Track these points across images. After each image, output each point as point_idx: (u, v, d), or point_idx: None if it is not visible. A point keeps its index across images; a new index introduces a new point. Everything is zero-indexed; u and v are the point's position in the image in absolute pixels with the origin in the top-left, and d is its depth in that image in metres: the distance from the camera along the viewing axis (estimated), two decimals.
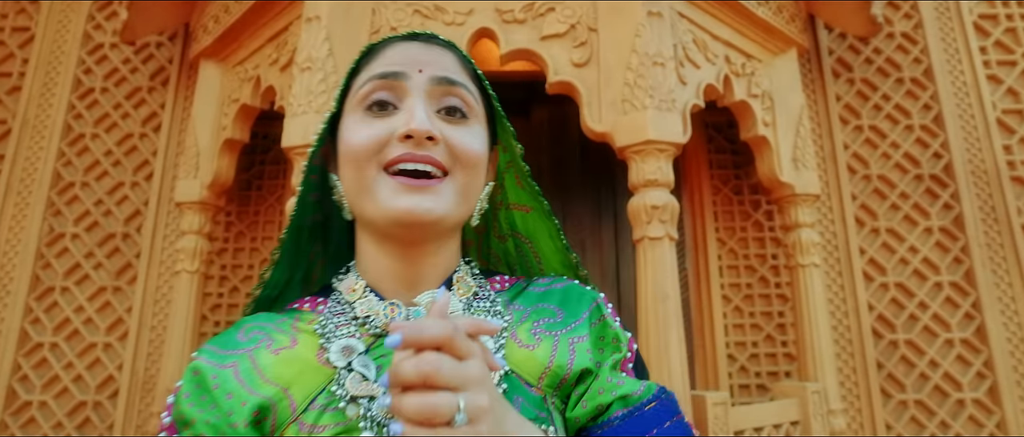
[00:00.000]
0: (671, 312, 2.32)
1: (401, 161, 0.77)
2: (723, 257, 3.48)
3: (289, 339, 0.81)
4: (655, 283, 2.34)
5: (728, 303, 3.43)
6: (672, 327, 2.30)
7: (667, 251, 2.37)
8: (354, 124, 0.82)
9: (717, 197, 3.55)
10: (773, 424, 2.66)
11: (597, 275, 3.51)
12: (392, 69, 0.82)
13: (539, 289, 0.92)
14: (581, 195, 3.59)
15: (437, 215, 0.78)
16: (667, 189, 2.42)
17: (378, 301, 0.83)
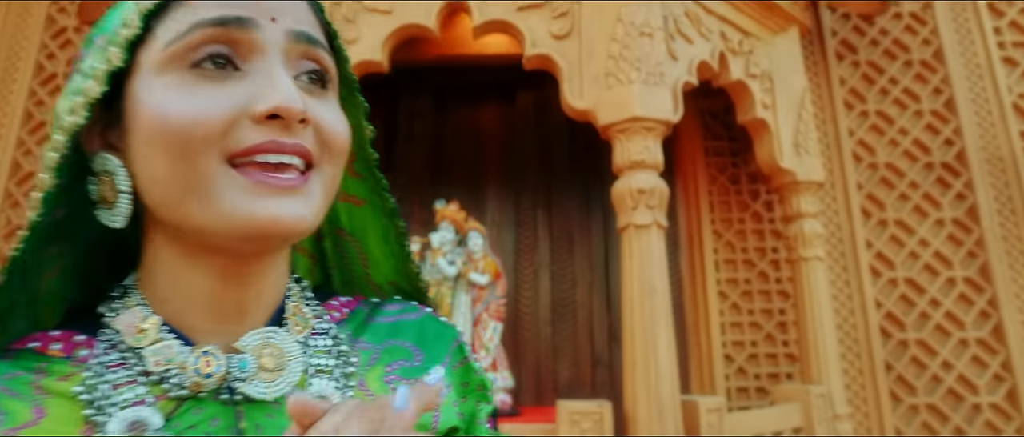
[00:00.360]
0: (659, 307, 2.02)
1: (261, 151, 0.51)
2: (719, 250, 3.18)
3: (31, 410, 0.50)
4: (641, 275, 2.05)
5: (725, 300, 3.13)
6: (660, 324, 2.01)
7: (655, 240, 2.08)
8: (173, 90, 0.52)
9: (713, 186, 3.25)
10: (773, 431, 2.36)
11: (585, 269, 3.22)
12: (234, 13, 0.53)
13: (388, 319, 0.70)
14: (568, 183, 3.30)
15: (307, 224, 0.54)
16: (655, 172, 2.13)
17: (181, 346, 0.55)
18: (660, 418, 1.93)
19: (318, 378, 0.58)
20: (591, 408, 1.96)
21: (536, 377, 3.09)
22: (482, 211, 3.27)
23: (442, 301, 2.35)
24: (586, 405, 1.96)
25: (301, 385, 0.57)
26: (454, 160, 3.36)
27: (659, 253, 2.08)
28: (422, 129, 3.37)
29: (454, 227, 2.41)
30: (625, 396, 2.04)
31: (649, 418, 1.94)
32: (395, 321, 0.69)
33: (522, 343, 3.13)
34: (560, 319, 3.18)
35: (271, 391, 0.55)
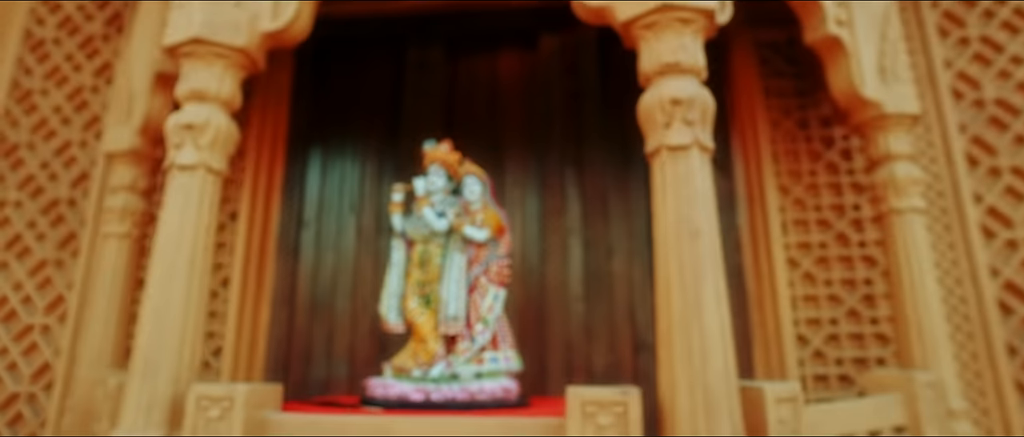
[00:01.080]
0: (705, 256, 1.39)
1: None
2: (787, 209, 2.49)
3: None
4: (679, 212, 1.42)
5: (795, 268, 2.43)
6: (706, 278, 1.37)
7: (696, 165, 1.44)
8: None
9: (776, 133, 2.56)
10: (869, 430, 1.68)
11: (623, 236, 2.58)
12: None
13: None
14: (602, 137, 2.67)
15: None
16: (695, 78, 1.50)
17: None
18: (708, 410, 1.30)
19: None
20: (611, 397, 1.34)
21: (566, 363, 2.47)
22: (501, 172, 2.68)
23: (430, 261, 1.77)
24: (604, 393, 1.34)
25: None
26: (469, 116, 2.78)
27: (703, 183, 1.44)
28: (433, 83, 2.81)
29: (446, 171, 1.84)
30: (659, 379, 1.41)
31: (693, 409, 1.31)
32: None
33: (548, 324, 2.52)
34: (595, 295, 2.55)
35: None
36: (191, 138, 1.61)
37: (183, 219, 1.57)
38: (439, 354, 1.70)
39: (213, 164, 1.65)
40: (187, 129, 1.61)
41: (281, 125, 2.75)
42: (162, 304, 1.50)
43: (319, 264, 2.68)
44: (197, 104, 1.66)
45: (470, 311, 1.72)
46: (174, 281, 1.52)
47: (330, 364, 2.56)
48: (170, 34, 1.70)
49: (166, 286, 1.51)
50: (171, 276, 1.52)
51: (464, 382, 1.64)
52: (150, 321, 1.48)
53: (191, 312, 1.54)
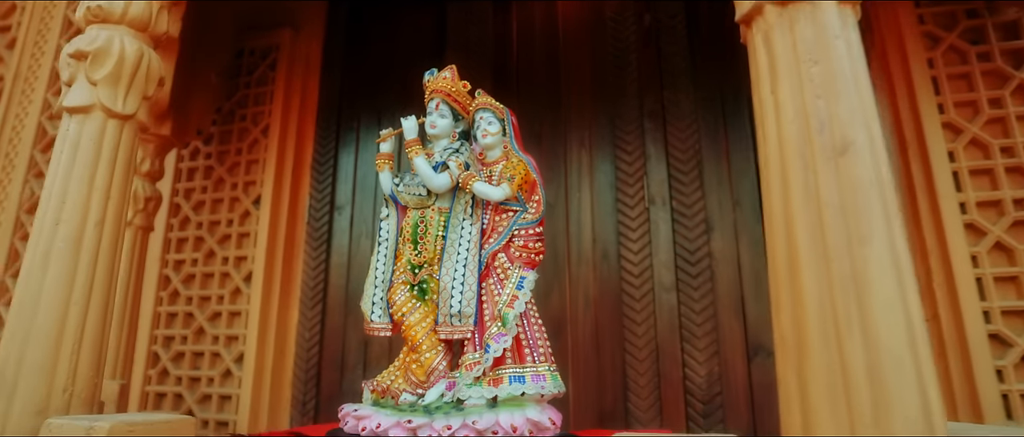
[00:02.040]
0: (866, 187, 0.69)
1: None
2: (961, 156, 1.66)
3: None
4: (804, 111, 0.73)
5: (978, 237, 1.60)
6: (873, 226, 0.67)
7: (834, 26, 0.75)
8: None
9: (935, 54, 1.73)
10: None
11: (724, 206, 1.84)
12: None
13: None
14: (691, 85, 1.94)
15: None
16: None
17: None
18: None
19: None
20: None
21: (653, 376, 1.78)
22: (564, 132, 2.03)
23: (427, 235, 1.16)
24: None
25: None
26: (524, 71, 2.15)
27: (848, 54, 0.74)
28: (479, 36, 2.20)
29: (452, 107, 1.23)
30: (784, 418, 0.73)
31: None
32: None
33: (628, 323, 1.83)
34: (689, 284, 1.84)
35: None
36: (84, 70, 1.11)
37: (69, 181, 1.07)
38: (438, 369, 1.09)
39: (116, 106, 1.13)
40: (78, 58, 1.11)
41: (310, 98, 2.26)
42: (28, 300, 0.99)
43: (354, 253, 2.15)
44: (98, 26, 1.16)
45: (483, 305, 1.09)
46: (49, 269, 1.01)
47: (366, 372, 2.02)
48: None
49: (36, 276, 1.01)
50: (44, 261, 1.02)
51: (470, 414, 1.00)
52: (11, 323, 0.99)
53: (77, 311, 1.02)
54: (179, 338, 2.14)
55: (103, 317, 1.06)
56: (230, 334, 2.06)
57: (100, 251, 1.08)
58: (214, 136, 2.28)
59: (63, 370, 0.99)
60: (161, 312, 2.17)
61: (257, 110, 2.25)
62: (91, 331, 1.03)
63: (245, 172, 2.20)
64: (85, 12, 1.19)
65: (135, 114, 1.18)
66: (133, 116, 1.18)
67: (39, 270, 1.01)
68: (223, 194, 2.21)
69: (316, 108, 2.25)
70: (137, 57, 1.17)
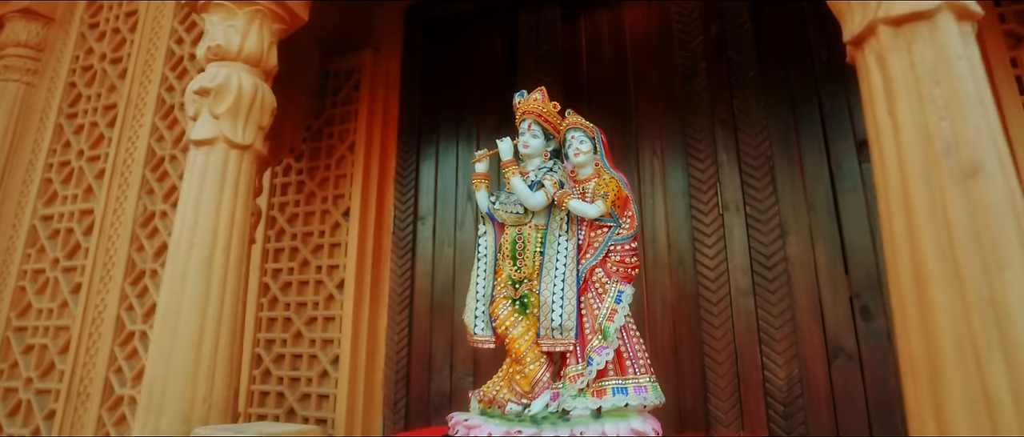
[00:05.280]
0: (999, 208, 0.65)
1: None
2: None
3: None
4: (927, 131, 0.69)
5: None
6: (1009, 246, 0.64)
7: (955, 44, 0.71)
8: None
9: (1018, 53, 1.63)
10: None
11: (799, 210, 1.78)
12: None
13: None
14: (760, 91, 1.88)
15: None
16: None
17: None
18: None
19: None
20: None
21: (732, 379, 1.74)
22: (635, 141, 2.01)
23: (526, 250, 1.16)
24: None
25: None
26: (594, 80, 2.14)
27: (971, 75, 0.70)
28: (549, 50, 2.19)
29: (543, 127, 1.22)
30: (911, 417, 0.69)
31: None
32: None
33: (706, 327, 1.80)
34: (765, 288, 1.79)
35: None
36: (207, 105, 1.16)
37: (199, 208, 1.11)
38: (542, 381, 1.09)
39: (236, 137, 1.18)
40: (202, 95, 1.16)
41: (392, 114, 2.30)
42: (169, 319, 1.04)
43: (437, 261, 2.18)
44: (217, 64, 1.20)
45: (583, 318, 1.09)
46: (186, 288, 1.06)
47: (453, 374, 2.05)
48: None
49: (175, 296, 1.06)
50: (181, 282, 1.07)
51: (576, 424, 1.00)
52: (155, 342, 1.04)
53: (211, 328, 1.07)
54: (279, 341, 2.21)
55: (234, 332, 1.11)
56: (325, 337, 2.12)
57: (228, 271, 1.13)
58: (305, 153, 2.35)
59: (202, 382, 1.03)
60: (262, 317, 2.25)
61: (343, 128, 2.30)
62: (224, 345, 1.08)
63: (334, 186, 2.26)
64: (206, 51, 1.24)
65: (252, 144, 1.22)
66: (251, 146, 1.22)
67: (177, 291, 1.06)
68: (314, 207, 2.28)
69: (397, 124, 2.29)
70: (253, 91, 1.22)
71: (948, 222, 0.66)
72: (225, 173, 1.16)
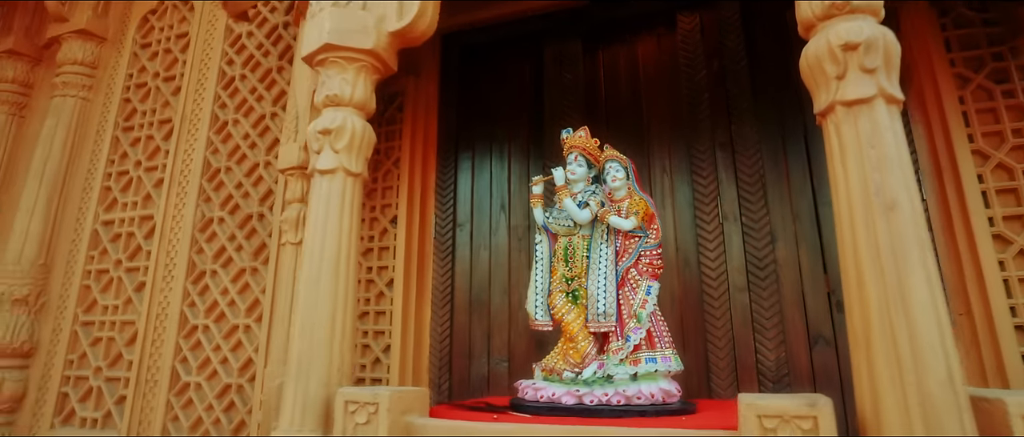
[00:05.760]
0: (907, 232, 1.02)
1: None
2: (987, 178, 1.95)
3: None
4: (865, 182, 1.06)
5: (1006, 246, 1.89)
6: (912, 260, 1.01)
7: (884, 121, 1.08)
8: None
9: (965, 92, 2.02)
10: None
11: (786, 220, 2.17)
12: None
13: None
14: (754, 118, 2.27)
15: None
16: (871, 17, 1.13)
17: None
18: (929, 427, 0.94)
19: None
20: (796, 409, 1.02)
21: (730, 361, 2.12)
22: (648, 160, 2.38)
23: (575, 255, 1.53)
24: (786, 405, 1.03)
25: None
26: (611, 106, 2.51)
27: (895, 141, 1.07)
28: (572, 76, 2.57)
29: (586, 158, 1.59)
30: (857, 388, 1.07)
31: (907, 427, 0.96)
32: None
33: (711, 317, 2.18)
34: (758, 285, 2.17)
35: None
36: (329, 142, 1.51)
37: (326, 223, 1.47)
38: (590, 354, 1.46)
39: (351, 167, 1.54)
40: (325, 134, 1.52)
41: (431, 132, 2.66)
42: (310, 307, 1.40)
43: (474, 262, 2.54)
44: (333, 109, 1.56)
45: (621, 307, 1.46)
46: (320, 284, 1.42)
47: (490, 361, 2.42)
48: (305, 46, 1.62)
49: (313, 290, 1.41)
50: (317, 279, 1.42)
51: (619, 385, 1.38)
52: (300, 324, 1.39)
53: (339, 314, 1.43)
54: None
55: (353, 318, 1.47)
56: (377, 329, 2.47)
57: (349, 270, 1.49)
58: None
59: (335, 355, 1.39)
60: None
61: (389, 145, 2.66)
62: (348, 327, 1.44)
63: (382, 197, 2.62)
64: (324, 98, 1.59)
65: (362, 172, 1.58)
66: (361, 174, 1.58)
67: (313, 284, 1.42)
68: (365, 215, 2.63)
69: (436, 141, 2.65)
70: (362, 131, 1.57)
71: (877, 240, 1.03)
72: (343, 196, 1.51)
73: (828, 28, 1.12)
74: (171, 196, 3.01)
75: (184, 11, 3.35)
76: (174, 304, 2.83)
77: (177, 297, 2.83)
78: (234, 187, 2.89)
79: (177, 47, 3.28)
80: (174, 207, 2.98)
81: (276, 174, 2.81)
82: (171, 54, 3.29)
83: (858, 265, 1.05)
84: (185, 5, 3.36)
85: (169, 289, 2.88)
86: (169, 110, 3.18)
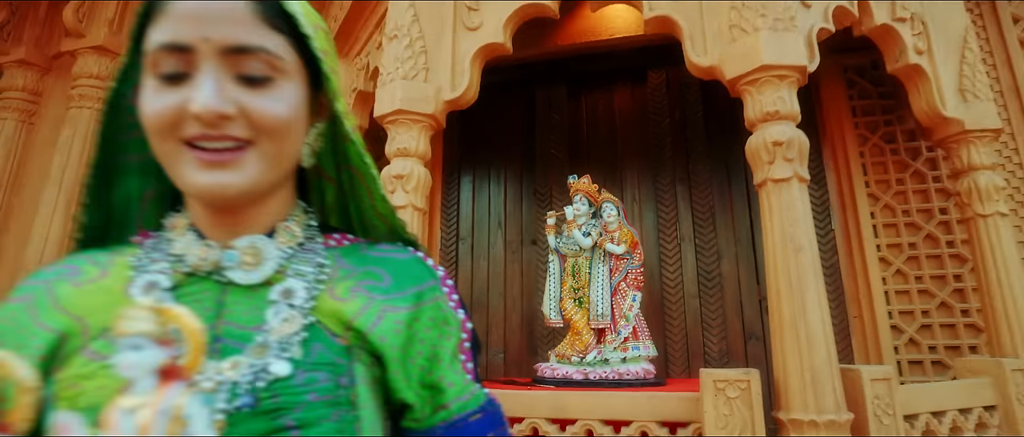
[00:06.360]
0: (807, 266, 1.65)
1: (198, 139, 0.63)
2: (878, 215, 2.65)
3: (99, 271, 0.70)
4: (784, 232, 1.68)
5: (887, 266, 2.60)
6: (809, 285, 1.63)
7: (796, 194, 1.70)
8: (148, 92, 0.64)
9: (864, 148, 2.72)
10: (959, 408, 1.87)
11: (730, 242, 2.83)
12: (176, 40, 0.63)
13: (378, 254, 0.75)
14: (708, 158, 2.92)
15: (239, 189, 0.64)
16: (791, 122, 1.76)
17: (196, 240, 0.69)
18: (816, 388, 1.56)
19: (293, 278, 0.67)
20: (736, 376, 1.63)
21: (685, 350, 2.76)
22: (621, 190, 2.99)
23: (580, 271, 2.11)
24: (731, 373, 1.64)
25: (277, 280, 0.66)
26: (591, 143, 3.11)
27: (802, 207, 1.70)
28: (559, 117, 3.15)
29: (588, 199, 2.17)
30: (774, 364, 1.68)
31: (803, 388, 1.58)
32: (382, 256, 0.74)
33: (669, 317, 2.80)
34: (707, 293, 2.81)
35: (248, 278, 0.65)
36: (401, 184, 2.03)
37: None
38: (591, 344, 2.04)
39: (417, 203, 2.06)
40: (397, 178, 2.03)
41: (437, 159, 3.18)
42: None
43: (474, 270, 3.09)
44: (402, 159, 2.07)
45: (614, 310, 2.05)
46: None
47: (488, 353, 2.97)
48: (379, 107, 2.13)
49: None
50: None
51: (613, 365, 1.98)
52: None
53: None
54: None
55: None
56: None
57: None
58: None
59: None
60: None
61: None
62: None
63: None
64: (395, 150, 2.08)
65: (424, 207, 2.10)
66: (425, 210, 2.10)
67: None
68: None
69: (442, 167, 3.18)
70: (425, 176, 2.08)
71: (789, 271, 1.64)
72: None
73: (764, 128, 1.74)
74: None
75: None
76: None
77: None
78: None
79: None
80: None
81: None
82: None
83: (778, 286, 1.67)
84: None
85: None
86: None
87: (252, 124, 0.63)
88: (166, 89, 0.62)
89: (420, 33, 2.11)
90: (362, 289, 0.69)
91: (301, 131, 0.69)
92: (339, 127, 0.74)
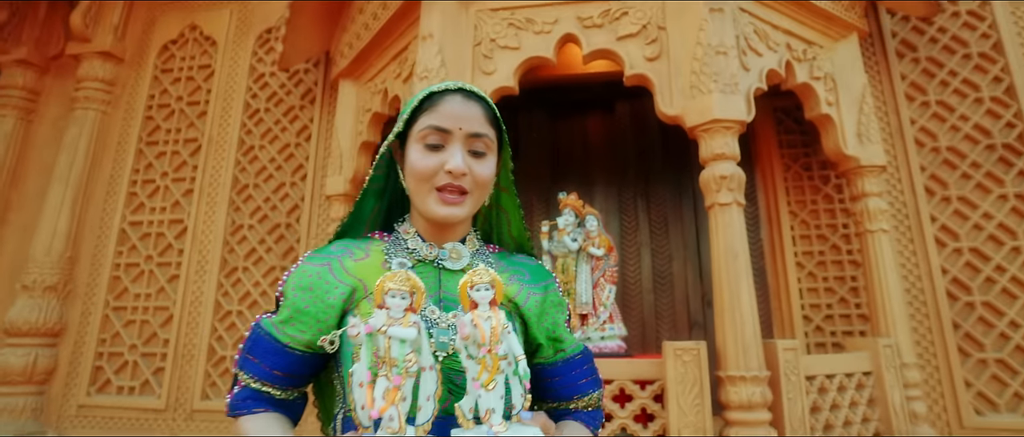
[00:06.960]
0: (741, 268, 2.34)
1: (445, 189, 1.13)
2: (796, 228, 3.42)
3: (364, 253, 1.19)
4: (726, 243, 2.37)
5: (802, 269, 3.36)
6: (742, 281, 2.33)
7: (735, 215, 2.40)
8: (417, 153, 1.14)
9: (788, 173, 3.48)
10: (845, 373, 2.61)
11: (679, 247, 3.54)
12: (443, 125, 1.13)
13: (518, 260, 1.29)
14: (663, 177, 3.62)
15: (460, 218, 1.15)
16: (733, 161, 2.45)
17: (421, 241, 1.20)
18: (745, 354, 2.25)
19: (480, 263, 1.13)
20: (690, 346, 2.31)
21: (642, 335, 3.44)
22: (591, 202, 3.65)
23: (568, 269, 2.75)
24: (687, 344, 2.31)
25: (470, 267, 1.17)
26: (567, 162, 3.76)
27: (739, 226, 2.39)
28: (540, 138, 3.79)
29: (574, 212, 2.80)
30: (717, 337, 2.37)
31: (736, 355, 2.26)
32: (520, 261, 1.29)
33: (629, 308, 3.48)
34: (660, 289, 3.51)
35: (455, 265, 1.18)
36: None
37: None
38: (577, 326, 2.69)
39: None
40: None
41: None
42: None
43: None
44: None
45: (595, 300, 2.70)
46: None
47: None
48: None
49: None
50: None
51: (594, 342, 2.63)
52: None
53: None
54: None
55: None
56: None
57: None
58: None
59: None
60: None
61: None
62: None
63: None
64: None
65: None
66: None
67: None
68: None
69: None
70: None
71: (728, 272, 2.32)
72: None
73: (713, 165, 2.42)
74: (201, 205, 3.83)
75: (206, 46, 4.16)
76: (208, 293, 3.68)
77: (211, 287, 3.68)
78: (262, 201, 3.80)
79: (200, 76, 4.09)
80: (205, 214, 3.82)
81: (302, 193, 3.75)
82: (194, 82, 4.09)
83: (721, 282, 2.36)
84: (206, 41, 4.17)
85: (202, 281, 3.72)
86: (195, 130, 3.99)
87: (474, 181, 1.14)
88: (429, 154, 1.12)
89: (446, 75, 2.70)
90: (515, 280, 1.22)
91: (491, 187, 1.21)
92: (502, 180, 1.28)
